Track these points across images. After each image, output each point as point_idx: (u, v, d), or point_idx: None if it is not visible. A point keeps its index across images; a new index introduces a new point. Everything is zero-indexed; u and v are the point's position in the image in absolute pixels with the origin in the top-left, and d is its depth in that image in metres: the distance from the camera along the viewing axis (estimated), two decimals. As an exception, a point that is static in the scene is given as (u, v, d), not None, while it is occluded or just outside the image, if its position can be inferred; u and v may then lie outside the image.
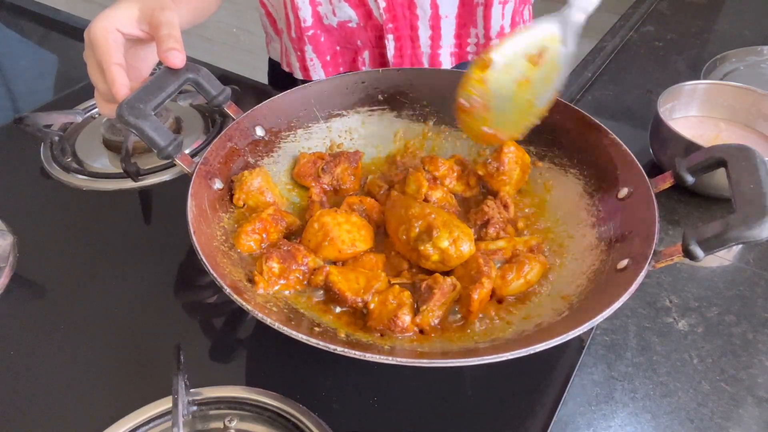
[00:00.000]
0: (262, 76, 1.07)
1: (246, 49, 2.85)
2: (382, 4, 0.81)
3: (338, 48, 0.88)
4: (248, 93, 0.93)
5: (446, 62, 0.88)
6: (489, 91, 0.59)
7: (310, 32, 0.84)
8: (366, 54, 0.88)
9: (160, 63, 0.58)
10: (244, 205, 0.63)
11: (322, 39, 0.86)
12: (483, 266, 0.55)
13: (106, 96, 0.57)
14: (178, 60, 0.55)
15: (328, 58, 0.88)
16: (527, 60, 0.57)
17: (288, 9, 0.84)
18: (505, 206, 0.64)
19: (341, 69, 0.90)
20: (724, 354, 0.60)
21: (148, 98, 0.54)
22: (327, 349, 0.45)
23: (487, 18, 0.83)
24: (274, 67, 1.02)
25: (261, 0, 0.91)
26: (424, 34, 0.84)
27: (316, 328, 0.52)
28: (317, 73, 0.89)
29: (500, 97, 0.59)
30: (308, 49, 0.86)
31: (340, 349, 0.45)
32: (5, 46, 1.16)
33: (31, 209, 0.76)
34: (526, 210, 0.66)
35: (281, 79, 0.96)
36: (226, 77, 0.98)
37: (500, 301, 0.57)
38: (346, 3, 0.81)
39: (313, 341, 0.45)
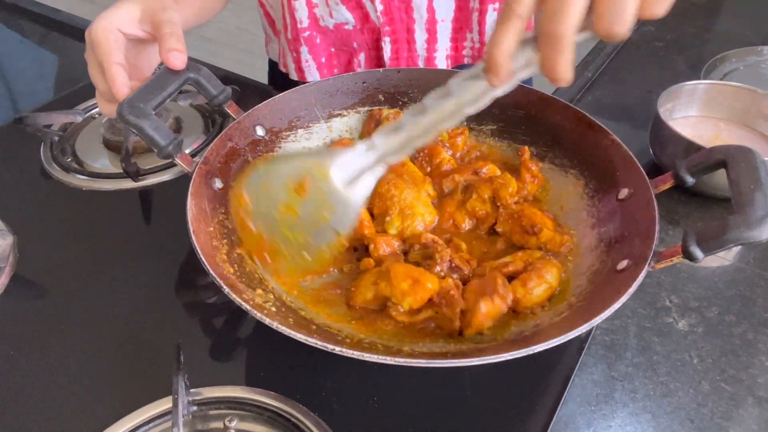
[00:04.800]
0: (262, 77, 1.07)
1: (246, 49, 2.86)
2: (380, 8, 0.81)
3: (333, 50, 0.88)
4: (249, 93, 0.93)
5: (442, 65, 0.88)
6: (251, 212, 0.52)
7: (306, 33, 0.84)
8: (362, 56, 0.88)
9: (161, 63, 0.58)
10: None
11: (318, 40, 0.86)
12: (500, 286, 0.54)
13: (106, 95, 0.57)
14: (179, 61, 0.55)
15: (324, 59, 0.88)
16: (287, 188, 0.50)
17: (285, 10, 0.84)
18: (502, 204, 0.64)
19: (336, 71, 0.90)
20: (724, 354, 0.60)
21: (149, 97, 0.54)
22: (325, 348, 0.45)
23: (481, 23, 0.83)
24: (273, 67, 1.02)
25: (260, 0, 0.91)
26: (420, 37, 0.85)
27: (313, 326, 0.52)
28: (312, 74, 0.89)
29: (265, 221, 0.52)
30: (304, 51, 0.86)
31: (338, 349, 0.45)
32: (5, 46, 1.16)
33: (31, 209, 0.76)
34: None
35: (281, 79, 0.96)
36: (226, 77, 0.98)
37: (522, 314, 0.55)
38: (343, 5, 0.81)
39: (311, 341, 0.45)
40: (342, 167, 0.48)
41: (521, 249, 0.61)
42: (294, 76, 0.91)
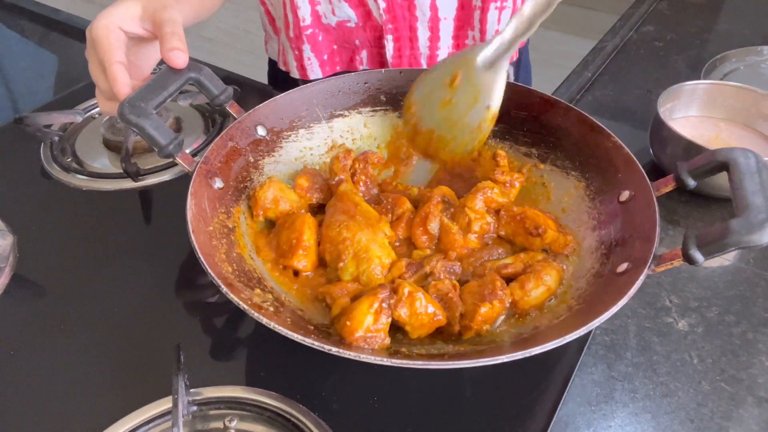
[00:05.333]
0: (262, 76, 1.07)
1: (247, 49, 2.86)
2: (382, 5, 0.81)
3: (336, 47, 0.88)
4: (249, 93, 0.93)
5: None
6: (419, 116, 0.65)
7: (309, 31, 0.84)
8: (364, 54, 0.88)
9: (161, 61, 0.58)
10: (264, 219, 0.63)
11: (320, 38, 0.86)
12: (499, 289, 0.54)
13: (107, 94, 0.57)
14: (180, 60, 0.55)
15: (326, 57, 0.88)
16: (443, 85, 0.62)
17: (287, 8, 0.84)
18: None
19: (338, 68, 0.90)
20: (724, 354, 0.60)
21: (150, 97, 0.54)
22: (322, 349, 0.45)
23: (483, 21, 0.83)
24: (273, 66, 1.02)
25: None
26: (422, 35, 0.85)
27: (311, 326, 0.52)
28: (314, 72, 0.89)
29: (430, 119, 0.64)
30: (306, 48, 0.86)
31: (335, 350, 0.45)
32: (5, 46, 1.16)
33: (31, 209, 0.76)
34: None
35: (281, 78, 0.96)
36: (227, 77, 0.98)
37: (521, 315, 0.55)
38: (346, 3, 0.81)
39: (308, 341, 0.45)
40: (483, 55, 0.60)
41: (523, 251, 0.61)
42: (295, 74, 0.90)
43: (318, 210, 0.67)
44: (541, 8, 0.56)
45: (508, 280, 0.57)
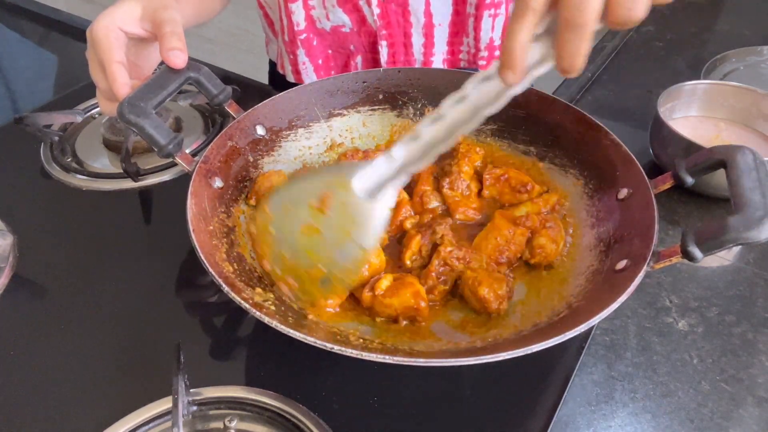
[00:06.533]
0: (262, 77, 1.07)
1: (247, 50, 2.86)
2: (377, 11, 0.81)
3: (330, 52, 0.88)
4: (249, 93, 0.93)
5: None
6: (275, 237, 0.52)
7: (303, 36, 0.84)
8: (359, 59, 0.88)
9: (161, 62, 0.58)
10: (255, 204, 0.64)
11: (315, 43, 0.86)
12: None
13: (107, 94, 0.58)
14: (180, 60, 0.56)
15: (320, 62, 0.88)
16: (309, 206, 0.49)
17: (282, 12, 0.84)
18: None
19: (333, 73, 0.90)
20: (724, 354, 0.60)
21: (149, 96, 0.54)
22: (324, 348, 0.45)
23: (477, 29, 0.83)
24: (274, 67, 1.02)
25: (259, 2, 0.91)
26: (417, 41, 0.85)
27: (312, 325, 0.52)
28: (309, 77, 0.89)
29: (287, 245, 0.51)
30: (301, 53, 0.86)
31: (337, 348, 0.45)
32: (5, 46, 1.16)
33: (31, 209, 0.76)
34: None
35: (281, 80, 0.96)
36: (226, 77, 0.98)
37: (548, 267, 0.60)
38: (340, 8, 0.81)
39: (310, 340, 0.45)
40: (363, 179, 0.48)
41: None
42: (291, 78, 0.91)
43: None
44: (440, 139, 0.45)
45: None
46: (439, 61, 0.88)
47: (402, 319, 0.55)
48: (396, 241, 0.63)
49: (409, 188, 0.67)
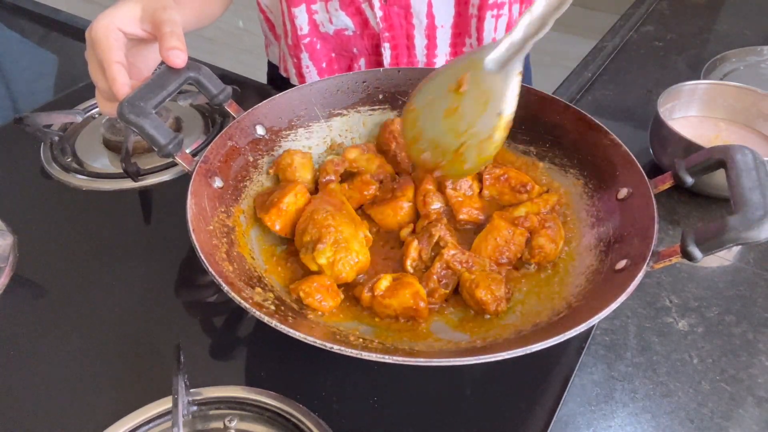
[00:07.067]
0: (262, 77, 1.07)
1: (247, 50, 2.85)
2: (379, 14, 0.81)
3: (334, 55, 0.88)
4: (249, 93, 0.93)
5: None
6: (421, 127, 0.58)
7: (307, 40, 0.84)
8: (362, 61, 0.88)
9: (161, 62, 0.58)
10: (276, 176, 0.67)
11: (318, 46, 0.86)
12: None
13: (106, 95, 0.58)
14: (179, 60, 0.55)
15: (324, 65, 0.88)
16: (448, 91, 0.56)
17: (285, 17, 0.84)
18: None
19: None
20: (724, 354, 0.60)
21: (149, 96, 0.54)
22: (324, 347, 0.45)
23: (480, 30, 0.83)
24: (273, 70, 1.02)
25: (259, 5, 0.91)
26: (420, 43, 0.85)
27: (312, 325, 0.52)
28: (313, 80, 0.89)
29: (433, 130, 0.57)
30: (304, 57, 0.86)
31: (337, 348, 0.45)
32: (5, 46, 1.16)
33: (31, 209, 0.76)
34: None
35: (280, 81, 0.96)
36: (226, 77, 0.98)
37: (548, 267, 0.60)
38: (343, 11, 0.81)
39: (310, 339, 0.45)
40: (493, 56, 0.53)
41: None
42: (295, 81, 0.91)
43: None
44: (554, 6, 0.51)
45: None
46: (442, 62, 0.88)
47: (401, 318, 0.55)
48: (397, 245, 0.64)
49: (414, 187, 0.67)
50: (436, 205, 0.64)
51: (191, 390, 0.53)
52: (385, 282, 0.55)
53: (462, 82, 0.55)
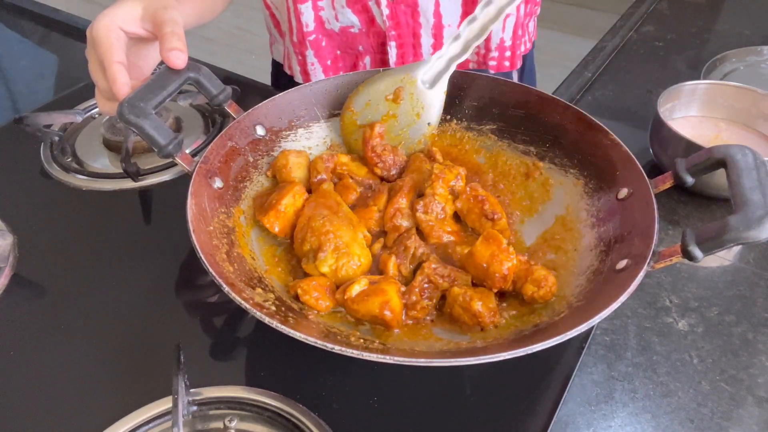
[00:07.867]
0: (263, 77, 1.07)
1: (247, 50, 2.86)
2: (386, 12, 0.81)
3: (339, 53, 0.88)
4: (249, 93, 0.93)
5: None
6: (359, 128, 0.70)
7: (312, 37, 0.84)
8: (367, 59, 0.88)
9: (161, 62, 0.58)
10: (274, 176, 0.67)
11: (324, 44, 0.86)
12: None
13: (106, 94, 0.58)
14: (180, 60, 0.55)
15: (329, 62, 0.88)
16: (386, 100, 0.68)
17: (290, 14, 0.84)
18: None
19: (341, 74, 0.90)
20: (724, 354, 0.60)
21: (149, 97, 0.54)
22: (325, 348, 0.45)
23: None
24: (277, 68, 1.02)
25: (265, 2, 0.91)
26: (426, 42, 0.85)
27: (312, 325, 0.52)
28: (318, 77, 0.89)
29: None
30: (309, 54, 0.86)
31: (338, 348, 0.45)
32: (5, 46, 1.16)
33: (31, 209, 0.76)
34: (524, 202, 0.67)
35: (285, 80, 0.96)
36: (226, 77, 0.98)
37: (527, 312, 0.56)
38: (349, 9, 0.81)
39: (311, 340, 0.45)
40: (424, 74, 0.66)
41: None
42: (299, 78, 0.91)
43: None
44: (475, 33, 0.63)
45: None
46: None
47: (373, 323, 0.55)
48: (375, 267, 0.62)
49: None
50: (405, 223, 0.62)
51: (191, 390, 0.53)
52: (357, 287, 0.54)
53: (399, 94, 0.67)
